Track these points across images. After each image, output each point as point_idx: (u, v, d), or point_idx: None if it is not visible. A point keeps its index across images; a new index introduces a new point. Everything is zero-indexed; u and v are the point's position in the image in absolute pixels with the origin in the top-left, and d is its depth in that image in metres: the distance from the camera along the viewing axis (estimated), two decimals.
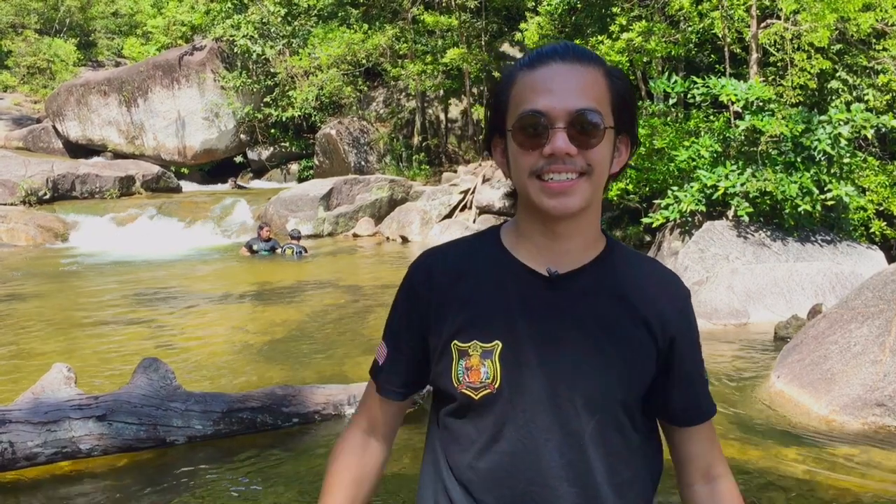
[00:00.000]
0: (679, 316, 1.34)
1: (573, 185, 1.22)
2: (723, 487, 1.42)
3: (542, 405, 1.27)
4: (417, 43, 19.14)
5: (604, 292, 1.30)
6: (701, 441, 1.41)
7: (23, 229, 15.14)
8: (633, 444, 1.33)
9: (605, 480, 1.29)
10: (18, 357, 6.78)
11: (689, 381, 1.36)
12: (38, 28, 33.49)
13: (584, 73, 1.22)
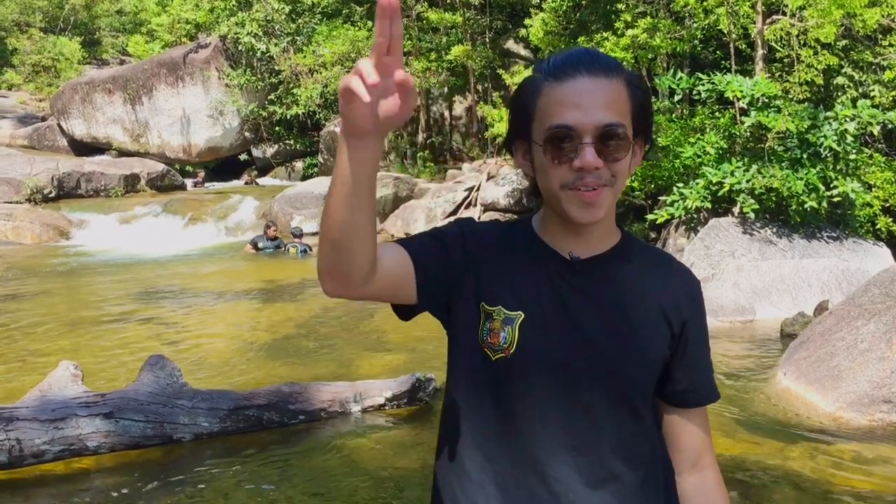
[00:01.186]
0: (691, 303, 1.39)
1: (600, 195, 1.28)
2: (710, 479, 1.44)
3: (554, 376, 1.32)
4: (422, 40, 19.13)
5: (621, 278, 1.37)
6: (694, 428, 1.43)
7: (28, 227, 15.18)
8: (646, 423, 1.38)
9: (614, 453, 1.33)
10: (24, 355, 6.79)
11: (693, 364, 1.39)
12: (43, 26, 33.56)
13: (609, 86, 1.27)
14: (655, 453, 1.40)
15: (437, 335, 5.10)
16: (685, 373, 1.39)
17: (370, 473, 4.17)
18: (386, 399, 4.95)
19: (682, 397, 1.41)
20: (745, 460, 4.23)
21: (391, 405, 4.97)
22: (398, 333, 7.16)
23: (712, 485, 1.43)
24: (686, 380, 1.40)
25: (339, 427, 4.78)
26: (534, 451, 1.32)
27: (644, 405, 1.37)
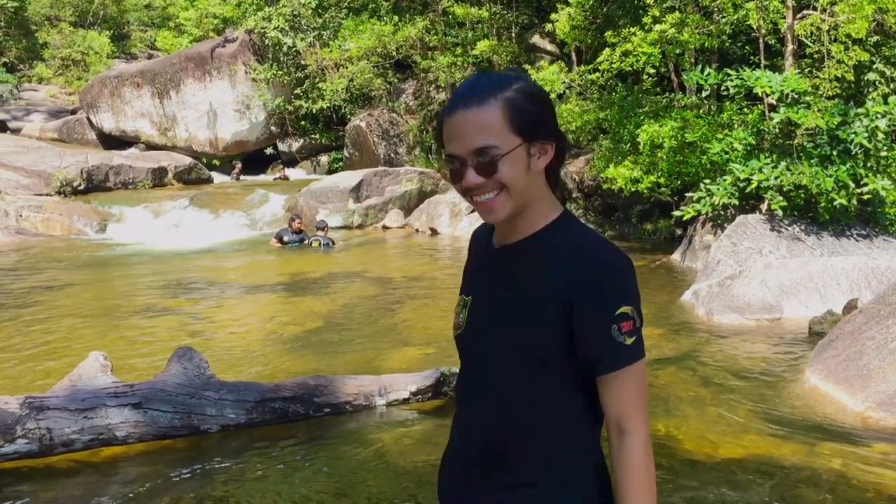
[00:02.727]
0: (584, 280, 1.53)
1: (494, 203, 1.56)
2: (628, 444, 1.55)
3: (478, 346, 1.66)
4: (448, 35, 19.11)
5: (529, 261, 1.61)
6: (612, 393, 1.56)
7: (58, 219, 15.37)
8: (541, 378, 1.58)
9: (510, 400, 1.60)
10: (54, 345, 6.89)
11: (588, 338, 1.54)
12: (73, 20, 33.88)
13: (479, 113, 1.51)
14: (553, 413, 1.59)
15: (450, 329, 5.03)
16: (584, 346, 1.54)
17: (394, 467, 4.18)
18: (410, 393, 4.97)
19: (591, 366, 1.56)
20: (772, 459, 4.20)
21: (416, 399, 4.99)
22: (423, 327, 7.18)
23: (628, 449, 1.54)
24: (587, 351, 1.55)
25: (363, 420, 4.81)
26: (465, 400, 1.72)
27: (543, 371, 1.57)
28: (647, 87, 12.93)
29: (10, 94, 27.85)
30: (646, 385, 1.58)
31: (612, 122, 12.20)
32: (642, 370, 1.57)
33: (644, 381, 1.58)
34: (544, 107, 1.58)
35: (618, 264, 1.58)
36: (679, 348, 6.44)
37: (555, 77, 13.25)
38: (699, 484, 3.93)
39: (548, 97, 1.61)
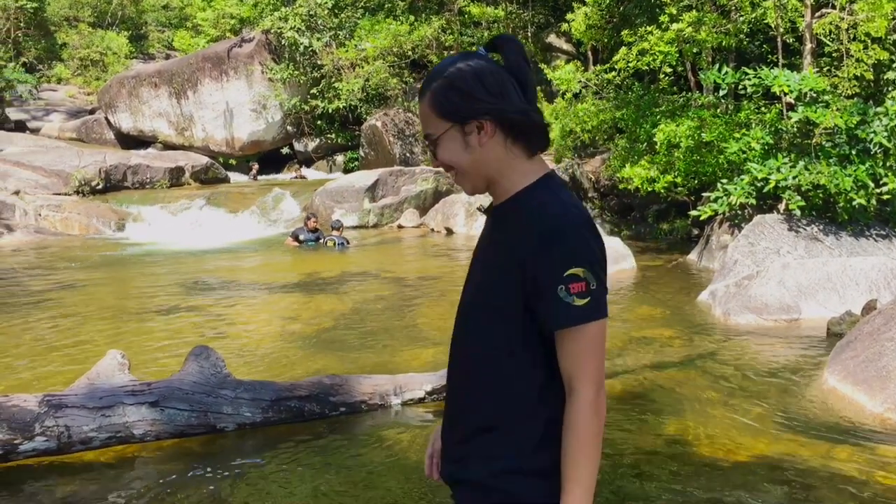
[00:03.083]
0: (537, 239, 1.59)
1: (455, 180, 1.75)
2: (572, 402, 1.59)
3: (460, 309, 1.80)
4: (463, 34, 19.11)
5: (504, 222, 1.71)
6: (561, 351, 1.60)
7: (76, 219, 15.49)
8: (500, 332, 1.65)
9: (475, 353, 1.70)
10: (72, 343, 6.94)
11: (539, 294, 1.58)
12: (92, 21, 34.12)
13: (421, 105, 1.70)
14: (510, 365, 1.65)
15: None
16: (536, 303, 1.59)
17: (410, 466, 4.19)
18: (426, 392, 4.97)
19: (542, 325, 1.61)
20: (789, 460, 4.17)
21: (431, 398, 4.99)
22: (438, 327, 7.18)
23: (572, 408, 1.58)
24: (539, 309, 1.59)
25: (379, 419, 4.82)
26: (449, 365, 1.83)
27: (501, 325, 1.65)
28: (664, 86, 12.87)
29: (30, 94, 28.09)
30: (599, 347, 1.60)
31: (628, 122, 12.15)
32: (595, 332, 1.58)
33: (597, 343, 1.59)
34: (467, 88, 1.63)
35: (570, 225, 1.60)
36: (695, 349, 6.41)
37: (571, 76, 13.21)
38: (715, 486, 3.91)
39: (474, 77, 1.64)
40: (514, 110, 1.65)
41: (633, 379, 5.65)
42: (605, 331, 1.62)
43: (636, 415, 4.94)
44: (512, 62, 1.69)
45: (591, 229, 1.63)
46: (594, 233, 1.63)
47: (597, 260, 1.61)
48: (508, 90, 1.65)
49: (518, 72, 1.69)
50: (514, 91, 1.66)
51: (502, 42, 1.72)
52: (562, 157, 15.02)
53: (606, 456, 4.31)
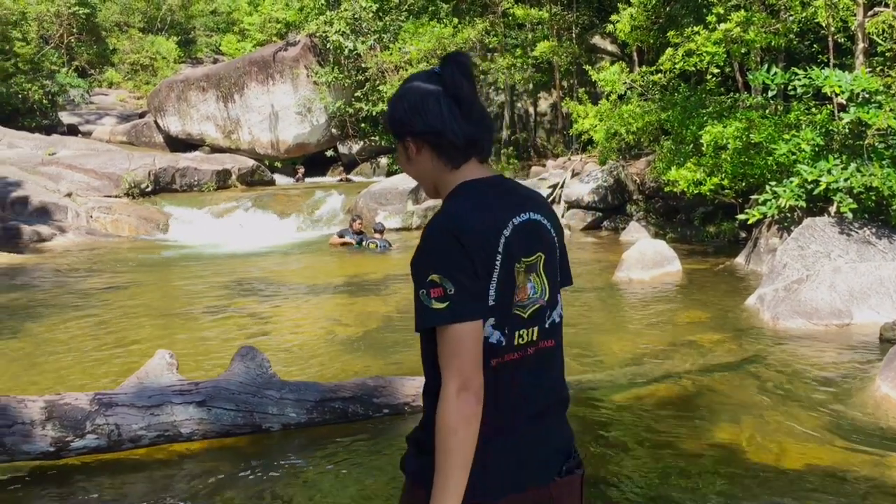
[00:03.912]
0: (418, 247, 1.77)
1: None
2: (440, 396, 1.67)
3: None
4: (507, 36, 19.09)
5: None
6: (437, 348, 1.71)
7: (126, 220, 15.81)
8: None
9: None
10: (121, 343, 7.07)
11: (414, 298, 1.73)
12: (142, 26, 34.85)
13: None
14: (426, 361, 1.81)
15: None
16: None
17: None
18: None
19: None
20: (839, 468, 4.07)
21: None
22: None
23: (438, 402, 1.67)
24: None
25: None
26: None
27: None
28: (711, 87, 12.70)
29: (82, 98, 28.77)
30: (461, 347, 1.65)
31: (674, 123, 12.01)
32: (455, 334, 1.66)
33: (458, 344, 1.65)
34: (396, 112, 1.85)
35: (436, 232, 1.73)
36: (743, 354, 6.30)
37: (615, 78, 13.10)
38: (763, 493, 3.84)
39: (400, 101, 1.84)
40: (426, 130, 1.80)
41: (679, 383, 5.58)
42: (468, 333, 1.66)
43: (682, 419, 4.87)
44: (448, 81, 1.80)
45: (456, 237, 1.69)
46: (460, 241, 1.68)
47: (456, 267, 1.67)
48: (428, 109, 1.80)
49: (454, 90, 1.80)
50: (441, 110, 1.79)
51: (445, 61, 1.84)
52: (606, 158, 14.91)
53: (653, 460, 4.26)
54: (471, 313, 1.68)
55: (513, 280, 1.76)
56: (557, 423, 1.91)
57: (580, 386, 5.50)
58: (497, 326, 1.75)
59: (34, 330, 7.64)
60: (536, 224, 1.84)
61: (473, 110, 1.82)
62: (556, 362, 1.91)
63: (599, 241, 13.47)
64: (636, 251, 9.77)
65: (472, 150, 1.83)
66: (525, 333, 1.80)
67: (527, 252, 1.80)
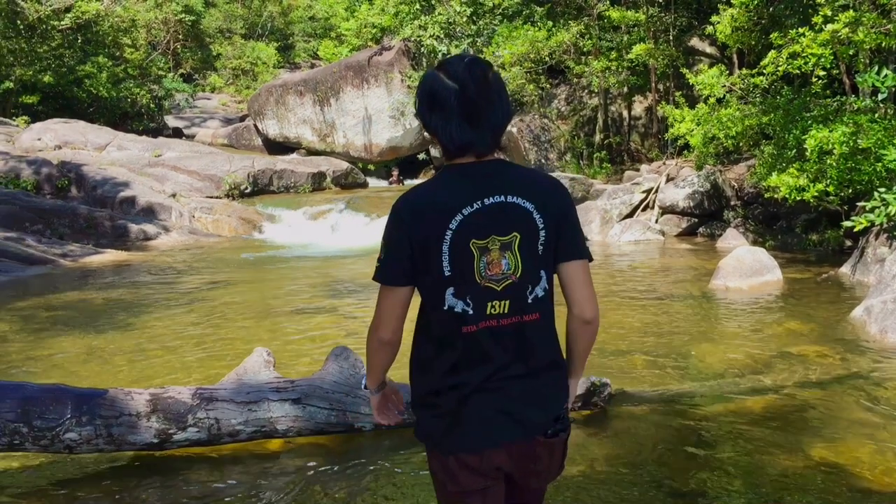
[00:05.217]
0: None
1: None
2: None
3: None
4: (602, 39, 18.86)
5: None
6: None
7: (226, 221, 16.34)
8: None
9: None
10: (220, 339, 7.31)
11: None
12: (244, 32, 35.97)
13: None
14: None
15: (606, 337, 5.05)
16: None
17: None
18: None
19: None
20: None
21: None
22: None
23: None
24: None
25: None
26: None
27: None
28: (816, 90, 12.23)
29: (186, 102, 29.89)
30: (380, 301, 2.20)
31: (776, 128, 11.62)
32: (380, 292, 2.17)
33: (380, 299, 2.19)
34: (418, 101, 2.11)
35: (391, 209, 2.09)
36: (847, 368, 6.04)
37: (714, 80, 12.77)
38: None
39: (422, 91, 2.09)
40: (428, 127, 2.10)
41: (778, 397, 5.40)
42: (387, 294, 2.15)
43: (781, 435, 4.71)
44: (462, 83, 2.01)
45: (400, 215, 2.03)
46: (401, 217, 2.03)
47: (393, 239, 2.06)
48: (434, 110, 2.05)
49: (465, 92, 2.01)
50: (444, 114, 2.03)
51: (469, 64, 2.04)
52: (703, 163, 14.55)
53: (747, 473, 4.13)
54: (392, 279, 2.11)
55: (469, 255, 2.01)
56: (544, 387, 2.12)
57: (674, 395, 5.39)
58: (457, 296, 2.04)
59: (140, 324, 7.98)
60: (512, 206, 2.03)
61: (482, 115, 2.02)
62: (543, 333, 2.12)
63: (694, 248, 13.15)
64: (734, 258, 9.50)
65: (467, 151, 2.06)
66: (497, 305, 2.03)
67: (496, 231, 2.02)
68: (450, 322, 2.06)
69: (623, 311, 8.23)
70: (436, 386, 2.12)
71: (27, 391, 4.19)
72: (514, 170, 2.12)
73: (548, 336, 2.14)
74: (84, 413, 4.13)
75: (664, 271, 11.04)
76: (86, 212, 15.31)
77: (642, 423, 4.96)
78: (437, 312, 2.10)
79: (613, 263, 12.02)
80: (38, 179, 16.85)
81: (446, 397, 2.10)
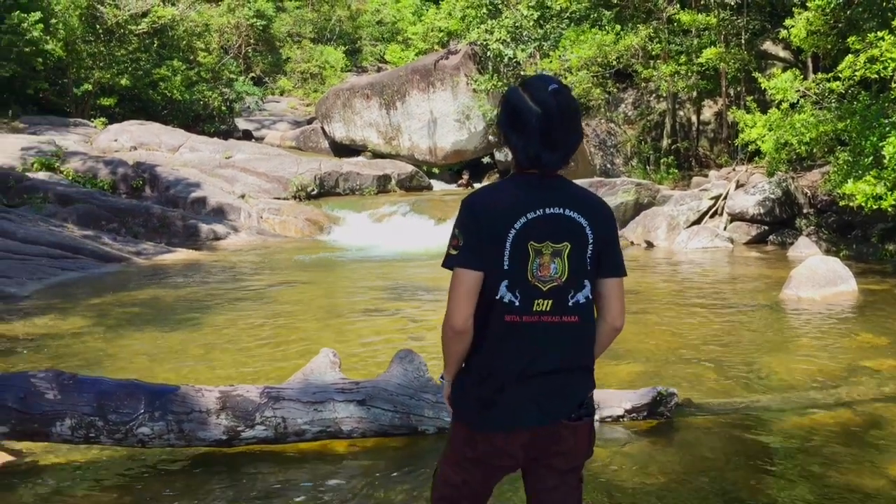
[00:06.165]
0: None
1: None
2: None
3: None
4: (672, 43, 18.57)
5: None
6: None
7: (293, 222, 16.60)
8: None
9: None
10: (286, 338, 7.43)
11: None
12: (313, 37, 36.53)
13: None
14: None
15: (673, 346, 4.97)
16: None
17: (606, 484, 4.12)
18: (625, 410, 4.87)
19: None
20: None
21: (630, 417, 4.89)
22: (636, 342, 7.02)
23: None
24: None
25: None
26: None
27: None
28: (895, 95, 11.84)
29: (256, 105, 30.49)
30: (455, 288, 2.29)
31: (852, 134, 11.29)
32: (456, 276, 2.28)
33: (455, 284, 2.29)
34: (502, 116, 2.34)
35: (460, 205, 2.32)
36: None
37: (787, 85, 12.48)
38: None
39: (507, 107, 2.32)
40: (508, 142, 2.32)
41: (851, 412, 5.24)
42: (461, 279, 2.27)
43: (854, 451, 4.57)
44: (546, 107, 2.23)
45: (473, 206, 2.28)
46: (475, 209, 2.27)
47: (467, 229, 2.26)
48: (516, 129, 2.27)
49: (548, 118, 2.23)
50: (525, 134, 2.25)
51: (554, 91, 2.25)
52: (775, 170, 14.22)
53: (818, 488, 4.02)
54: (466, 262, 2.25)
55: (526, 255, 2.25)
56: (573, 384, 2.37)
57: (742, 407, 5.28)
58: (510, 288, 2.26)
59: (208, 322, 8.17)
60: (567, 219, 2.28)
61: (559, 140, 2.25)
62: (580, 337, 2.36)
63: (764, 256, 12.86)
64: (806, 268, 9.25)
65: (539, 167, 2.29)
66: (542, 303, 2.28)
67: (551, 238, 2.26)
68: (499, 311, 2.29)
69: (691, 320, 8.09)
70: (477, 370, 2.37)
71: (103, 386, 4.33)
72: (574, 188, 2.37)
73: (583, 341, 2.38)
74: (157, 409, 4.25)
75: (733, 280, 10.82)
76: (159, 211, 15.74)
77: (708, 434, 4.87)
78: (489, 301, 2.30)
79: (681, 271, 11.83)
80: (114, 179, 17.40)
81: (485, 383, 2.34)
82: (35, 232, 12.74)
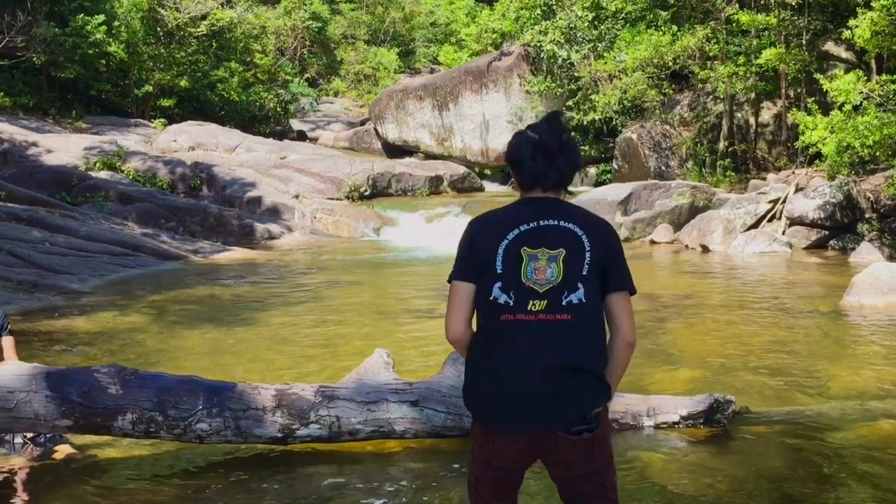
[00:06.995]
0: None
1: None
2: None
3: None
4: (730, 43, 18.25)
5: None
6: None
7: (345, 222, 16.75)
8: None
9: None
10: (339, 337, 7.51)
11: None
12: (367, 38, 36.81)
13: None
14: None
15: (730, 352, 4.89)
16: None
17: (661, 492, 4.07)
18: (680, 417, 4.80)
19: None
20: None
21: (685, 424, 4.81)
22: (692, 348, 6.92)
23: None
24: None
25: (630, 440, 4.72)
26: None
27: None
28: None
29: (311, 106, 30.85)
30: (449, 298, 2.52)
31: None
32: (450, 288, 2.53)
33: (449, 295, 2.53)
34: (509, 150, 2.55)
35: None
36: None
37: (850, 87, 12.17)
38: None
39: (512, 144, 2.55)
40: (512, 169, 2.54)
41: None
42: (454, 291, 2.50)
43: None
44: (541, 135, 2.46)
45: (470, 227, 2.53)
46: (470, 229, 2.52)
47: (462, 252, 2.51)
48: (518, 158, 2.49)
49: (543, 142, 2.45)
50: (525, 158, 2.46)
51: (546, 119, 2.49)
52: (836, 173, 13.87)
53: (878, 501, 3.92)
54: (457, 275, 2.49)
55: (519, 259, 2.39)
56: (568, 385, 2.37)
57: (801, 416, 5.17)
58: (503, 290, 2.40)
59: (263, 320, 8.29)
60: (562, 229, 2.42)
61: (553, 155, 2.43)
62: (575, 335, 2.40)
63: (825, 262, 12.56)
64: (869, 274, 9.00)
65: (537, 184, 2.47)
66: (537, 303, 2.38)
67: (546, 244, 2.40)
68: (493, 311, 2.41)
69: (749, 327, 7.94)
70: (475, 367, 2.47)
71: (164, 381, 4.41)
72: (573, 207, 2.53)
73: (577, 339, 2.41)
74: (215, 405, 4.32)
75: (792, 285, 10.59)
76: (216, 210, 16.02)
77: (766, 443, 4.77)
78: (484, 302, 2.44)
79: (738, 276, 11.63)
80: (172, 179, 17.78)
81: (482, 379, 2.44)
82: (97, 230, 13.08)
